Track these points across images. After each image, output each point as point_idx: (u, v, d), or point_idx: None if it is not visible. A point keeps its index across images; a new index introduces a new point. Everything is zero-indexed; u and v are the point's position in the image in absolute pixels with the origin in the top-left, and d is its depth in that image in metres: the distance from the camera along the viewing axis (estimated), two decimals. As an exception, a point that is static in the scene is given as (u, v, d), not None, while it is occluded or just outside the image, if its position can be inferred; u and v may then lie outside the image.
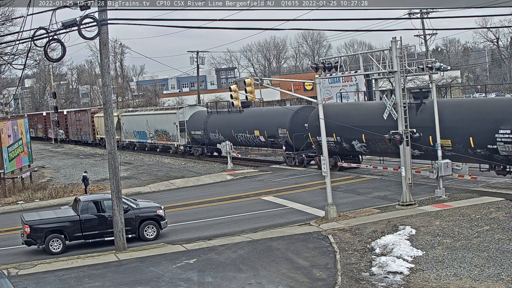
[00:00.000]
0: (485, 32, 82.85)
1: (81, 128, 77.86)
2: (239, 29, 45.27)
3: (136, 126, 60.89)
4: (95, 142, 72.17)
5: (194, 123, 50.42)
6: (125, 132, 63.61)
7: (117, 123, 62.32)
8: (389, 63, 24.43)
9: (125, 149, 63.03)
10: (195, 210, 28.18)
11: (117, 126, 62.17)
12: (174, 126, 52.53)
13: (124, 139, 63.99)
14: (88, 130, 74.75)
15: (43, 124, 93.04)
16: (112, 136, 21.27)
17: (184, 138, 51.82)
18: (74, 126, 79.54)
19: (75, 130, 79.12)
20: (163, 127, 54.81)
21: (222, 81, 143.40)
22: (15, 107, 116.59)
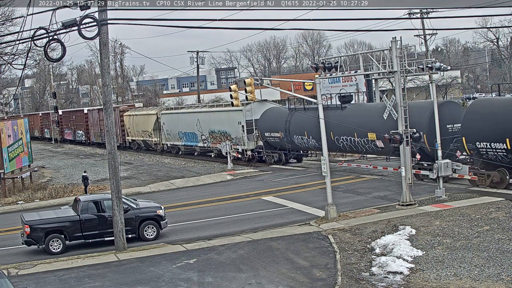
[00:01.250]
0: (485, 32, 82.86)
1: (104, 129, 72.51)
2: (239, 29, 45.23)
3: (182, 126, 51.38)
4: (124, 145, 64.24)
5: (268, 123, 40.59)
6: (166, 134, 54.43)
7: (155, 123, 55.55)
8: (389, 63, 24.43)
9: (165, 154, 55.09)
10: (195, 210, 28.18)
11: (156, 126, 55.68)
12: (239, 127, 43.01)
13: (165, 142, 55.09)
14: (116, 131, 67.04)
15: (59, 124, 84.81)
16: (112, 136, 21.27)
17: (252, 141, 42.68)
18: (97, 126, 68.73)
19: (98, 131, 68.34)
20: (222, 127, 45.42)
21: (222, 81, 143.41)
22: (15, 107, 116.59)
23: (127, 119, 62.03)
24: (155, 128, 55.55)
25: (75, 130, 78.02)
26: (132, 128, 60.88)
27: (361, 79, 55.94)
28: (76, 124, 77.08)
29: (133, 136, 61.32)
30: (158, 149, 56.36)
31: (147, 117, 57.15)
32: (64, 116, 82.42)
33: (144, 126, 57.86)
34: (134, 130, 60.51)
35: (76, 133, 76.94)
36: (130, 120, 61.00)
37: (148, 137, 57.58)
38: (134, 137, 61.06)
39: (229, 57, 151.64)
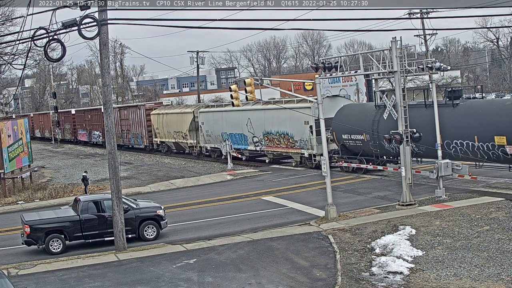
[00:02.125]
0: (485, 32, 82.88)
1: (128, 130, 61.34)
2: (239, 29, 45.27)
3: (226, 127, 44.17)
4: (151, 147, 57.19)
5: (347, 123, 33.10)
6: (205, 135, 47.56)
7: (192, 123, 49.27)
8: (389, 63, 24.43)
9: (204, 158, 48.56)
10: (195, 210, 28.18)
11: (192, 127, 49.37)
12: (306, 128, 36.16)
13: (203, 144, 48.30)
14: (140, 132, 58.67)
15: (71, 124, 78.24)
16: (112, 136, 21.27)
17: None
18: (118, 126, 61.94)
19: (119, 131, 61.87)
20: (281, 128, 38.81)
21: (222, 81, 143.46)
22: (15, 107, 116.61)
23: (155, 118, 55.37)
24: (191, 129, 49.24)
25: (90, 131, 71.32)
26: (161, 129, 54.10)
27: (361, 79, 55.99)
28: (92, 124, 70.00)
29: (162, 138, 54.33)
30: (194, 153, 49.89)
31: (181, 116, 50.85)
32: (78, 115, 76.51)
33: (178, 126, 51.30)
34: (164, 131, 53.69)
35: (92, 134, 69.92)
36: (159, 119, 54.47)
37: (182, 139, 51.39)
38: (164, 139, 54.14)
39: (229, 57, 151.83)
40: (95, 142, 70.09)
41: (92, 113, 70.85)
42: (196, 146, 49.35)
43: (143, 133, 57.44)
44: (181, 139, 51.52)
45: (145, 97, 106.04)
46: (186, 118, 50.16)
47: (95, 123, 68.80)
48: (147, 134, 56.95)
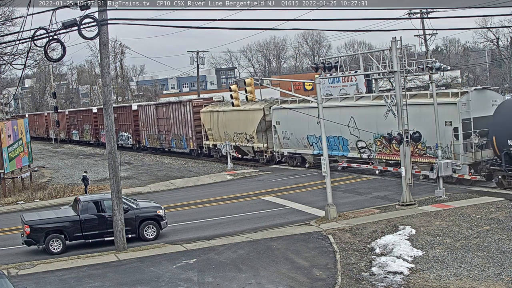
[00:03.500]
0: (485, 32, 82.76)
1: (168, 130, 51.88)
2: (239, 29, 45.42)
3: (315, 128, 33.08)
4: (198, 152, 48.60)
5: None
6: (281, 138, 38.92)
7: (261, 122, 40.39)
8: (389, 63, 24.43)
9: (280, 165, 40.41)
10: (195, 210, 28.18)
11: (261, 127, 40.41)
12: (447, 130, 27.34)
13: (279, 149, 39.55)
14: (185, 133, 49.22)
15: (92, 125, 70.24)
16: (112, 136, 21.27)
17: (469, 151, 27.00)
18: (154, 126, 54.25)
19: (155, 133, 53.93)
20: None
21: (222, 81, 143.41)
22: (15, 107, 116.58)
23: (206, 117, 46.58)
24: (259, 130, 40.57)
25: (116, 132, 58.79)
26: (215, 130, 45.36)
27: (361, 79, 55.98)
28: (119, 124, 61.41)
29: (216, 140, 45.69)
30: (264, 159, 41.29)
31: (246, 114, 41.68)
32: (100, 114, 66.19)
33: (240, 127, 42.33)
34: (219, 132, 44.85)
35: (119, 136, 61.53)
36: (212, 118, 45.78)
37: (245, 142, 42.51)
38: (219, 142, 45.03)
39: (229, 57, 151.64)
40: (121, 145, 60.58)
41: (119, 111, 61.30)
42: (266, 151, 40.79)
43: (189, 134, 48.52)
44: (245, 143, 42.45)
45: (145, 97, 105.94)
46: (253, 116, 40.93)
47: (123, 122, 60.80)
48: (194, 136, 47.88)
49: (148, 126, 55.69)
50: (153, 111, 54.27)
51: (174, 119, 50.55)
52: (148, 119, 55.46)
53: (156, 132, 53.65)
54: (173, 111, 50.77)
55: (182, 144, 49.98)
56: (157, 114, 53.62)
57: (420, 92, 31.25)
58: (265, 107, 39.93)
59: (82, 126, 73.42)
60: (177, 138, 50.70)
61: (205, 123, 46.63)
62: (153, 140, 54.90)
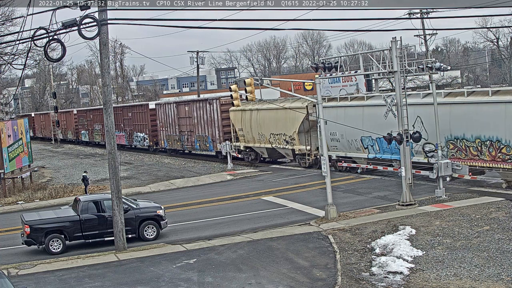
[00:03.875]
0: (485, 32, 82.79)
1: (191, 131, 47.98)
2: (239, 29, 45.47)
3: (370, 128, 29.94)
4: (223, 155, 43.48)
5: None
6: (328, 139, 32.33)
7: (303, 122, 36.18)
8: (389, 63, 24.43)
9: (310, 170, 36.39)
10: (195, 210, 28.18)
11: (303, 127, 36.45)
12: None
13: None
14: (210, 134, 45.20)
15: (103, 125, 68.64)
16: (112, 136, 21.28)
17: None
18: (174, 126, 50.21)
19: (176, 133, 50.19)
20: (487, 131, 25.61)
21: (222, 81, 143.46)
22: (15, 107, 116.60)
23: (236, 116, 42.51)
24: (301, 130, 36.53)
25: (131, 132, 58.96)
26: (247, 130, 41.61)
27: (361, 79, 56.03)
28: (134, 124, 57.92)
29: (249, 142, 41.86)
30: (306, 163, 36.94)
31: (285, 112, 37.20)
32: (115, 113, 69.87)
33: (278, 127, 38.35)
34: (252, 133, 41.18)
35: (134, 137, 57.96)
36: (244, 117, 41.80)
37: (283, 144, 38.55)
38: (252, 143, 41.56)
39: (229, 57, 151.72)
40: (135, 146, 58.71)
41: (134, 110, 58.12)
42: (310, 154, 36.36)
43: (216, 135, 44.47)
44: (283, 144, 38.52)
45: (145, 97, 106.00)
46: (294, 115, 36.27)
47: (139, 122, 56.79)
48: (222, 137, 43.80)
49: (167, 126, 51.77)
50: (173, 110, 50.32)
51: (198, 119, 46.72)
52: (168, 119, 51.56)
53: (177, 133, 49.97)
54: (197, 110, 46.55)
55: (207, 145, 45.90)
56: (178, 113, 49.78)
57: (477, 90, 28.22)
58: (308, 105, 35.39)
59: (92, 126, 69.80)
60: (201, 139, 46.65)
61: (236, 122, 42.68)
62: (173, 141, 51.01)
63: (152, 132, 54.84)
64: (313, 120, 34.66)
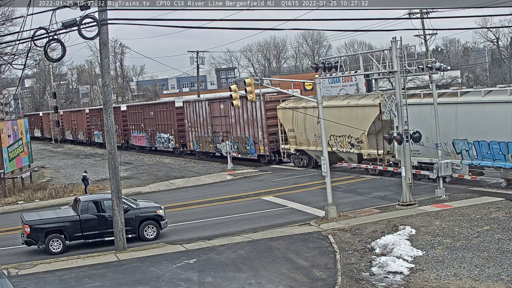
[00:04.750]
0: (485, 32, 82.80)
1: (227, 131, 43.46)
2: (239, 29, 45.42)
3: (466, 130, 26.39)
4: (271, 158, 40.09)
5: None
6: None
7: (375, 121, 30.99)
8: (389, 63, 24.43)
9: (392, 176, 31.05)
10: (195, 210, 28.18)
11: (374, 128, 31.20)
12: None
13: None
14: (252, 135, 40.53)
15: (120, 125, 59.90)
16: (112, 136, 21.28)
17: None
18: (206, 127, 45.67)
19: (208, 134, 45.56)
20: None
21: (222, 81, 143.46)
22: (15, 107, 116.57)
23: (286, 115, 37.62)
24: (371, 131, 31.31)
25: (153, 133, 54.23)
26: (300, 131, 36.44)
27: (361, 79, 55.96)
28: (157, 124, 53.42)
29: (301, 145, 36.83)
30: (377, 170, 31.69)
31: (351, 111, 32.27)
32: (131, 112, 59.16)
33: (341, 128, 32.03)
34: (307, 134, 35.97)
35: (157, 138, 53.50)
36: (295, 117, 36.69)
37: (349, 148, 32.87)
38: (306, 146, 36.56)
39: (229, 57, 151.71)
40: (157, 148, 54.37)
41: (157, 108, 53.53)
42: (383, 159, 30.93)
43: (259, 136, 39.67)
44: (347, 148, 32.76)
45: (145, 97, 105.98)
46: (363, 114, 31.53)
47: (163, 122, 52.12)
48: (266, 139, 38.86)
49: (197, 126, 46.99)
50: (205, 108, 45.19)
51: (236, 118, 41.92)
52: (198, 118, 46.63)
53: (209, 134, 45.23)
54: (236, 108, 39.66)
55: (247, 148, 40.97)
56: (211, 112, 44.84)
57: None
58: (381, 102, 29.80)
59: None
60: (240, 141, 41.71)
61: (285, 122, 37.62)
62: (205, 143, 46.06)
63: (179, 133, 50.06)
64: (386, 120, 29.82)
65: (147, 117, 55.35)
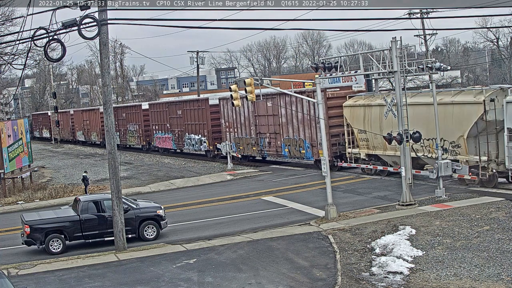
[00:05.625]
0: (485, 32, 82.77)
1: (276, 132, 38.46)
2: (239, 29, 45.41)
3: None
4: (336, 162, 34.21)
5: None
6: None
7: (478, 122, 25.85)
8: (389, 63, 24.43)
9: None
10: (195, 210, 28.18)
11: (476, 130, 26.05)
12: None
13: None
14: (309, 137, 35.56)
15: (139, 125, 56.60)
16: (112, 136, 21.28)
17: None
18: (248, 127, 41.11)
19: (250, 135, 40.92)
20: None
21: (222, 81, 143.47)
22: (15, 107, 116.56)
23: (356, 113, 32.39)
24: (471, 134, 26.16)
25: (181, 134, 49.26)
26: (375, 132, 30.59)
27: (361, 79, 55.96)
28: (186, 124, 48.08)
29: (375, 149, 31.30)
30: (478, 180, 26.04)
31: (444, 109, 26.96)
32: (154, 110, 54.10)
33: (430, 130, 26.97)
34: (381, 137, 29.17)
35: (186, 139, 48.41)
36: (368, 115, 31.46)
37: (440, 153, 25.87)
38: (381, 151, 30.86)
39: (229, 57, 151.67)
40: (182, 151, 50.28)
41: (187, 106, 48.18)
42: (486, 167, 25.69)
43: (318, 138, 33.84)
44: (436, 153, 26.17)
45: (145, 97, 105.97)
46: (461, 113, 26.58)
47: (193, 122, 47.24)
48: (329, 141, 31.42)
49: (237, 126, 42.39)
50: (247, 106, 40.57)
51: (288, 117, 37.23)
52: (239, 117, 42.03)
53: (253, 135, 40.55)
54: (287, 106, 37.06)
55: (302, 152, 35.90)
56: (255, 110, 40.07)
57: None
58: (486, 99, 25.28)
59: (125, 126, 60.04)
60: (292, 144, 36.83)
61: (354, 122, 32.33)
62: (247, 146, 41.31)
63: (214, 134, 45.22)
64: (491, 121, 25.49)
65: (173, 116, 50.16)
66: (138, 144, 58.02)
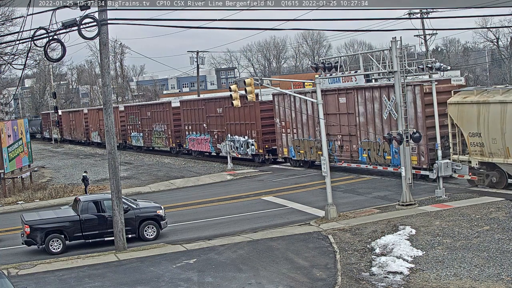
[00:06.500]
0: (485, 32, 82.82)
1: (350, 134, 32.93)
2: (239, 29, 45.44)
3: None
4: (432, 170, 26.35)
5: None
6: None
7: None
8: (389, 63, 24.42)
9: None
10: (195, 210, 28.18)
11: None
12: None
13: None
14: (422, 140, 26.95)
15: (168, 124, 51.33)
16: (112, 136, 21.28)
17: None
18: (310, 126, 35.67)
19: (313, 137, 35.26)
20: None
21: (222, 81, 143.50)
22: (15, 107, 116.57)
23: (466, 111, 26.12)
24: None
25: (221, 135, 43.76)
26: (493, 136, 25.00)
27: (361, 79, 55.88)
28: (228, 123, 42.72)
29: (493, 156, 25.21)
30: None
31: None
32: (187, 109, 48.40)
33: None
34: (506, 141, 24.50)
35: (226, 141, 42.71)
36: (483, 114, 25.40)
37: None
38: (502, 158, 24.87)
39: (229, 57, 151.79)
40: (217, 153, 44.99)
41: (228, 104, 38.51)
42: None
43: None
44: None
45: (145, 97, 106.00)
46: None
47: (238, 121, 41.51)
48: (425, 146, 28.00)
49: (296, 126, 36.79)
50: (310, 103, 34.67)
51: (367, 116, 31.65)
52: (299, 116, 36.37)
53: (317, 137, 34.47)
54: (367, 102, 31.56)
55: (386, 158, 30.60)
56: (326, 107, 33.05)
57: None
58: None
59: (150, 126, 54.63)
60: (373, 148, 31.44)
61: (464, 123, 26.34)
62: (309, 150, 35.77)
63: (264, 135, 39.47)
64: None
65: (212, 115, 44.70)
66: (165, 147, 52.90)
